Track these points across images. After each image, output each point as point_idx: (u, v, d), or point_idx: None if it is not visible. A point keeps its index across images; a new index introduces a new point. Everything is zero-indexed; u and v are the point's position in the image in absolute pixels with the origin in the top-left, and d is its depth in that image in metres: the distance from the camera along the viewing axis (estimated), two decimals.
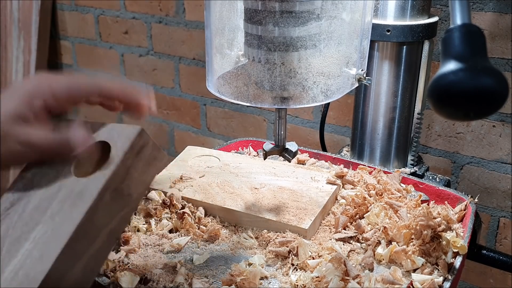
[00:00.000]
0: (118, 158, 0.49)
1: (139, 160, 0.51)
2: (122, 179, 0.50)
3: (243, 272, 0.58)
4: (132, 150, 0.50)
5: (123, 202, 0.52)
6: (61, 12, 1.64)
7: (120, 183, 0.50)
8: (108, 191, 0.49)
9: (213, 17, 0.60)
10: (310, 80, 0.57)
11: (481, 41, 0.49)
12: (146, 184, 0.54)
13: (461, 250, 0.60)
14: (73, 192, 0.49)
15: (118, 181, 0.50)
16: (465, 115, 0.48)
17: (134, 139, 0.50)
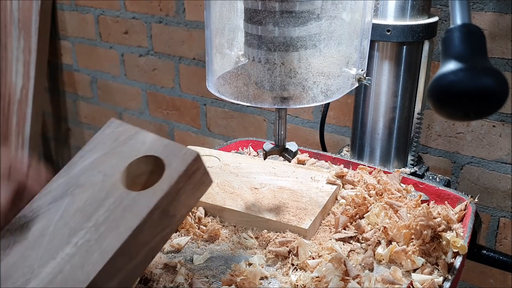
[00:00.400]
0: (171, 180, 0.49)
1: (189, 184, 0.51)
2: (171, 201, 0.50)
3: (243, 272, 0.58)
4: (185, 174, 0.50)
5: (167, 222, 0.51)
6: (61, 12, 1.64)
7: (168, 205, 0.50)
8: (156, 211, 0.49)
9: (213, 17, 0.60)
10: (310, 80, 0.57)
11: (481, 41, 0.49)
12: (190, 207, 0.55)
13: (461, 250, 0.60)
14: (121, 205, 0.49)
15: (167, 202, 0.50)
16: (465, 115, 0.48)
17: (190, 163, 0.50)
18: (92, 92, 1.69)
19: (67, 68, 1.72)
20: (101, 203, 0.50)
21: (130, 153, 0.53)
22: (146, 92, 1.54)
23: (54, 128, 1.88)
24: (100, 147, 0.55)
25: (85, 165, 0.54)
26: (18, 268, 0.48)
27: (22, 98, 1.66)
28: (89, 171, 0.54)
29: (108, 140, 0.55)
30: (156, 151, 0.52)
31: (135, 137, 0.54)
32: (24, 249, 0.49)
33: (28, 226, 0.51)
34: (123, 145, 0.54)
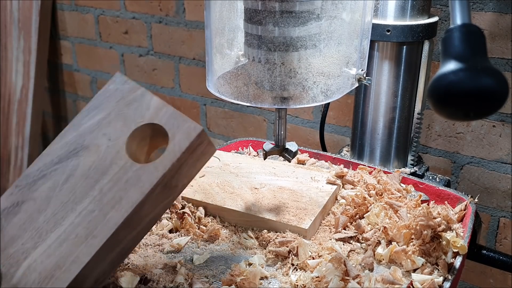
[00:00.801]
0: (174, 156, 0.50)
1: (191, 158, 0.52)
2: (174, 174, 0.51)
3: (243, 272, 0.58)
4: (188, 150, 0.50)
5: (169, 193, 0.53)
6: (61, 12, 1.64)
7: (171, 178, 0.51)
8: (159, 186, 0.50)
9: (213, 17, 0.60)
10: (310, 80, 0.57)
11: (481, 41, 0.49)
12: (192, 177, 0.56)
13: (461, 250, 0.60)
14: (125, 176, 0.51)
15: (169, 176, 0.51)
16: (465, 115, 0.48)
17: (193, 139, 0.50)
18: (92, 92, 1.69)
19: (67, 68, 1.72)
20: (105, 171, 0.51)
21: (134, 118, 0.53)
22: None
23: (54, 128, 1.87)
24: (105, 105, 0.55)
25: (91, 125, 0.54)
26: (27, 229, 0.50)
27: (22, 98, 1.66)
28: (94, 132, 0.54)
29: (113, 98, 0.55)
30: (161, 119, 0.52)
31: (140, 100, 0.54)
32: (32, 210, 0.51)
33: (35, 186, 0.52)
34: (128, 107, 0.54)
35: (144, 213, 0.51)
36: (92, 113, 0.55)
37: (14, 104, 1.68)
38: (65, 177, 0.52)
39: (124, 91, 0.55)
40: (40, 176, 0.53)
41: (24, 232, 0.50)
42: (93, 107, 0.56)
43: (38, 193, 0.52)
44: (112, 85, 0.56)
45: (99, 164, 0.52)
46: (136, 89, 0.55)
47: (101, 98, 0.56)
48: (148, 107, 0.53)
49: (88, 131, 0.54)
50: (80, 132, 0.54)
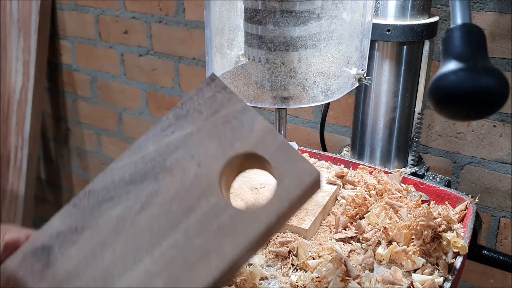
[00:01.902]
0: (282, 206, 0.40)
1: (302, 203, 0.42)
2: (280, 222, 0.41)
3: (243, 273, 0.58)
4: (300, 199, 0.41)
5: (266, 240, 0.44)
6: (61, 12, 1.64)
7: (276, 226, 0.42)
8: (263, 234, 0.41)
9: (213, 16, 0.60)
10: (310, 80, 0.57)
11: (481, 40, 0.49)
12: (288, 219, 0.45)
13: (461, 250, 0.60)
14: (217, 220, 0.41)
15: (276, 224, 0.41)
16: (466, 115, 0.48)
17: (307, 186, 0.41)
18: (92, 92, 1.69)
19: (66, 68, 1.72)
20: (192, 207, 0.41)
21: (232, 141, 0.43)
22: (146, 92, 1.54)
23: (54, 128, 1.87)
24: (195, 116, 0.45)
25: (175, 140, 0.44)
26: (88, 268, 0.40)
27: (22, 98, 1.66)
28: (180, 150, 0.44)
29: (207, 108, 0.45)
30: (267, 150, 0.42)
31: (241, 117, 0.44)
32: (96, 242, 0.41)
33: (100, 209, 0.42)
34: (225, 125, 0.44)
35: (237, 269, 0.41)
36: (178, 124, 0.45)
37: (14, 104, 1.68)
38: (140, 205, 0.42)
39: (221, 101, 0.45)
40: (107, 198, 0.42)
41: (85, 271, 0.40)
42: (180, 114, 0.45)
43: (103, 220, 0.42)
44: (207, 91, 0.46)
45: (185, 196, 0.42)
46: (237, 102, 0.45)
47: (191, 105, 0.45)
48: (252, 130, 0.43)
49: (172, 148, 0.44)
50: (161, 147, 0.44)
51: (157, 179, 0.43)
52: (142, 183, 0.43)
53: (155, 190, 0.42)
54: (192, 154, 0.43)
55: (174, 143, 0.44)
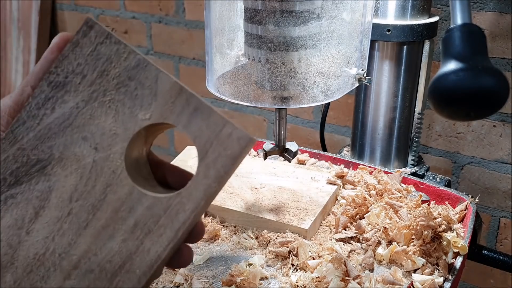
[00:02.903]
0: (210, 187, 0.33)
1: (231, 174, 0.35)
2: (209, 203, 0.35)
3: (243, 273, 0.58)
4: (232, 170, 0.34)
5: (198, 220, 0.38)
6: (61, 12, 1.63)
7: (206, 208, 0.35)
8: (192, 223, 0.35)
9: (213, 16, 0.60)
10: (311, 80, 0.57)
11: (481, 40, 0.49)
12: None
13: (461, 250, 0.60)
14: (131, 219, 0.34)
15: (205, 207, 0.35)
16: (466, 115, 0.48)
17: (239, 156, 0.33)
18: None
19: None
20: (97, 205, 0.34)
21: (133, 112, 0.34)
22: None
23: None
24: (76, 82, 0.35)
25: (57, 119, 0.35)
26: None
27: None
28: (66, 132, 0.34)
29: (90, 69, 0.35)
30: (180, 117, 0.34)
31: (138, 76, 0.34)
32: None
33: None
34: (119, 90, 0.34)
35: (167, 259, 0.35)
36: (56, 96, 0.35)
37: None
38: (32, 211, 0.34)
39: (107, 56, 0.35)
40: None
41: None
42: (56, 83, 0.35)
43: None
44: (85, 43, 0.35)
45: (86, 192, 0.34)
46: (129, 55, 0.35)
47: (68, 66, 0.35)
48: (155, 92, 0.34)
49: (56, 130, 0.35)
50: (42, 132, 0.35)
51: (46, 174, 0.34)
52: (29, 182, 0.34)
53: (47, 188, 0.34)
54: (84, 136, 0.34)
55: (58, 123, 0.35)
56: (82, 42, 0.35)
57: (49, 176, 0.34)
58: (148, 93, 0.34)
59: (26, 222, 0.34)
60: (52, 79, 0.35)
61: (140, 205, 0.34)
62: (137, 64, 0.35)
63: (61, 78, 0.35)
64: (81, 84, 0.35)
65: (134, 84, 0.35)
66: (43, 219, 0.34)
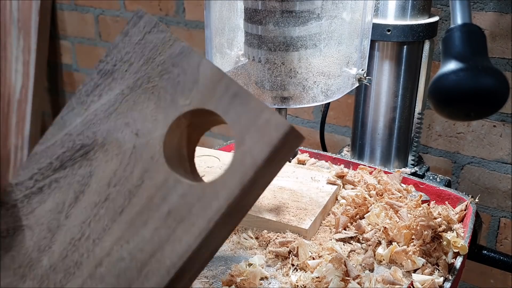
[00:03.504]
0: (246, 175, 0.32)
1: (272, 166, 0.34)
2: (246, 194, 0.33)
3: (243, 273, 0.58)
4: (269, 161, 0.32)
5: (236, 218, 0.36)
6: (61, 11, 1.63)
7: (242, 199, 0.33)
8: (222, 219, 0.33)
9: (213, 16, 0.60)
10: (310, 80, 0.57)
11: (481, 40, 0.49)
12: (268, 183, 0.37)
13: (461, 250, 0.60)
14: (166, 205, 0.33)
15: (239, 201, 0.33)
16: (466, 115, 0.48)
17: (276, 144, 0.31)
18: None
19: (66, 68, 1.72)
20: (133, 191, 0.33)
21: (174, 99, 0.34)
22: None
23: None
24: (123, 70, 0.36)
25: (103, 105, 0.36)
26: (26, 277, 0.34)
27: (22, 98, 1.66)
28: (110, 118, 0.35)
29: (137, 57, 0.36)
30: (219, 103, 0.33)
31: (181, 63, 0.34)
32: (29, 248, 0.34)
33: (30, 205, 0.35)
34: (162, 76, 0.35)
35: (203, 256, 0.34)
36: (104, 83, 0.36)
37: (14, 104, 1.68)
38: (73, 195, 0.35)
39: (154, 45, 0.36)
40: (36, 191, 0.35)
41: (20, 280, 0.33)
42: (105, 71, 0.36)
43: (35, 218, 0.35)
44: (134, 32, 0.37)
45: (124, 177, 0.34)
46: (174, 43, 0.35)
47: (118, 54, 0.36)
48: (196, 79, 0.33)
49: (101, 116, 0.36)
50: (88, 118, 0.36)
51: (89, 159, 0.35)
52: (73, 166, 0.35)
53: (89, 173, 0.34)
54: (127, 122, 0.34)
55: (103, 109, 0.35)
56: (132, 31, 0.37)
57: (91, 161, 0.35)
58: (190, 79, 0.34)
59: (66, 207, 0.34)
60: (102, 67, 0.36)
61: (175, 192, 0.33)
62: (181, 52, 0.35)
63: (110, 66, 0.36)
64: (128, 71, 0.36)
65: (177, 70, 0.34)
66: (82, 203, 0.34)
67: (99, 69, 0.37)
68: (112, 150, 0.34)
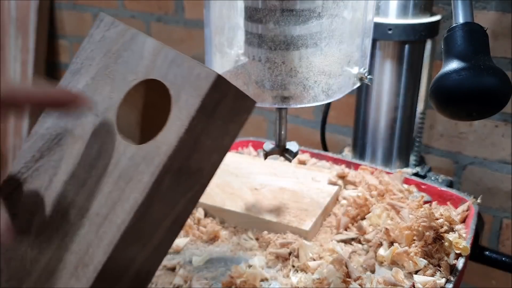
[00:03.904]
0: (182, 126, 0.34)
1: (213, 122, 0.36)
2: (189, 154, 0.35)
3: (243, 274, 0.57)
4: (203, 111, 0.34)
5: (190, 182, 0.37)
6: (59, 11, 1.63)
7: (186, 160, 0.35)
8: (167, 175, 0.35)
9: (213, 15, 0.59)
10: (311, 79, 0.57)
11: (483, 39, 0.49)
12: (224, 149, 0.39)
13: (463, 251, 0.59)
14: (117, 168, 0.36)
15: (183, 157, 0.35)
16: (468, 114, 0.48)
17: (207, 93, 0.34)
18: None
19: (65, 67, 1.72)
20: (93, 163, 0.37)
21: (124, 77, 0.38)
22: None
23: None
24: (89, 64, 0.41)
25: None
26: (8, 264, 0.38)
27: None
28: None
29: (99, 52, 0.41)
30: (160, 71, 0.37)
31: (130, 46, 0.39)
32: None
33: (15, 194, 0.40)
34: (117, 61, 0.40)
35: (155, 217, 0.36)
36: (73, 80, 0.41)
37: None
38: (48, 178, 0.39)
39: (111, 39, 0.41)
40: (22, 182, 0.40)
41: None
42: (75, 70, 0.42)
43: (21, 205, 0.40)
44: (97, 33, 0.42)
45: (86, 155, 0.38)
46: (125, 31, 0.40)
47: (85, 55, 0.42)
48: (142, 56, 0.38)
49: None
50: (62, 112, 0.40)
51: (60, 145, 0.40)
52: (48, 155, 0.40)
53: (60, 157, 0.39)
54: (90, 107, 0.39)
55: None
56: (95, 32, 0.42)
57: (62, 146, 0.40)
58: (136, 57, 0.39)
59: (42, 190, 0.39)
60: (72, 68, 0.42)
61: (124, 157, 0.36)
62: (131, 37, 0.40)
63: (78, 65, 0.42)
64: (92, 65, 0.41)
65: (127, 53, 0.40)
66: (54, 185, 0.39)
67: (70, 70, 0.42)
68: (78, 134, 0.39)
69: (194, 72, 0.35)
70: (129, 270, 0.37)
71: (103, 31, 0.42)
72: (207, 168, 0.38)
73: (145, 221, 0.36)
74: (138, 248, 0.37)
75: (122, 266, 0.36)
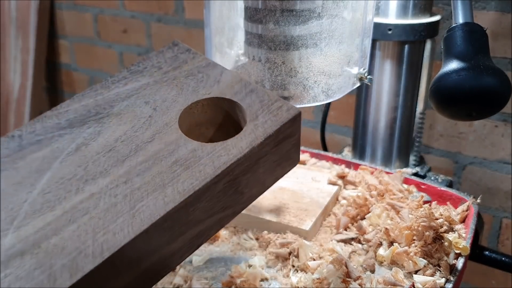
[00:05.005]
0: (255, 139, 0.36)
1: (274, 153, 0.38)
2: (246, 170, 0.36)
3: (243, 274, 0.57)
4: (275, 137, 0.36)
5: (231, 200, 0.37)
6: (60, 11, 1.63)
7: (242, 174, 0.36)
8: (224, 179, 0.35)
9: (213, 16, 0.59)
10: (311, 80, 0.57)
11: (483, 40, 0.49)
12: (264, 188, 0.41)
13: (463, 251, 0.59)
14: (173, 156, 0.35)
15: (242, 169, 0.36)
16: (468, 114, 0.48)
17: (286, 122, 0.36)
18: None
19: (65, 67, 1.72)
20: (142, 146, 0.36)
21: (195, 89, 0.39)
22: None
23: None
24: (152, 71, 0.41)
25: (127, 90, 0.40)
26: None
27: (20, 98, 1.65)
28: (131, 98, 0.39)
29: (167, 65, 0.42)
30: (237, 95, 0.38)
31: (206, 71, 0.41)
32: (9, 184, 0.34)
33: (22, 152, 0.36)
34: (188, 78, 0.40)
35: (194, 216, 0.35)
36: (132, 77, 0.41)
37: (12, 104, 1.67)
38: (75, 146, 0.36)
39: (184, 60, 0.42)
40: (33, 142, 0.37)
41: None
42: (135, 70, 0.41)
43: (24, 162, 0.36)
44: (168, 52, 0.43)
45: (134, 136, 0.37)
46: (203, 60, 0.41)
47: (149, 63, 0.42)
48: (218, 80, 0.40)
49: (123, 96, 0.39)
50: (109, 96, 0.40)
51: (100, 122, 0.38)
52: (81, 127, 0.38)
53: (97, 131, 0.37)
54: (147, 101, 0.39)
55: (126, 92, 0.40)
56: (166, 51, 0.43)
57: (103, 124, 0.38)
58: (212, 80, 0.40)
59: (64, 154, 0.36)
60: (133, 69, 0.42)
61: (185, 148, 0.36)
62: (207, 64, 0.42)
63: (141, 68, 0.42)
64: (157, 72, 0.41)
65: (202, 75, 0.41)
66: (81, 153, 0.36)
67: (129, 69, 0.42)
68: (126, 117, 0.38)
69: (276, 104, 0.37)
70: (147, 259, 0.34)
71: (177, 52, 0.43)
72: (247, 195, 0.38)
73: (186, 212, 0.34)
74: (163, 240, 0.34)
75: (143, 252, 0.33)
